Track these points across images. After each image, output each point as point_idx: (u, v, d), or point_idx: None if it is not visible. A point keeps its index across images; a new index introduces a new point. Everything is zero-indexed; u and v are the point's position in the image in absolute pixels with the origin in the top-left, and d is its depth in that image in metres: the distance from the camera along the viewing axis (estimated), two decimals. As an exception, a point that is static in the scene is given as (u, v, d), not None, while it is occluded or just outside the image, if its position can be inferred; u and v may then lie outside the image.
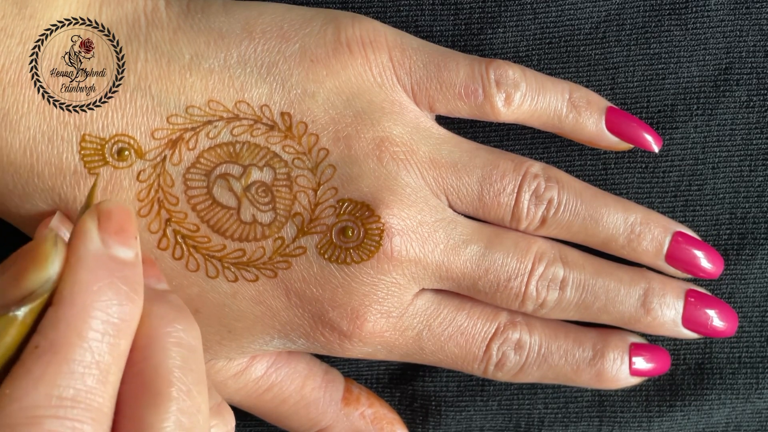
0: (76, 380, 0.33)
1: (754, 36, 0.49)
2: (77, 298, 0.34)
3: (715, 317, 0.49)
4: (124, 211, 0.36)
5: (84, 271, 0.34)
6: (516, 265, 0.46)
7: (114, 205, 0.36)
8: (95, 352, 0.33)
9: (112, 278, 0.34)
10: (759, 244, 0.51)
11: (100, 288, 0.34)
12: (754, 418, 0.52)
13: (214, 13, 0.44)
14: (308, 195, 0.44)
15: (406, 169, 0.44)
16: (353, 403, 0.50)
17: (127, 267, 0.35)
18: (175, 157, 0.43)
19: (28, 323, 0.34)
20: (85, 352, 0.33)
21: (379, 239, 0.44)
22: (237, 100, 0.43)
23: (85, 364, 0.33)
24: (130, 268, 0.35)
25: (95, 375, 0.33)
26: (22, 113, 0.42)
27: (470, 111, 0.46)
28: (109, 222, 0.35)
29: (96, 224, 0.35)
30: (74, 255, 0.34)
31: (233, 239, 0.43)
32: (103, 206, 0.36)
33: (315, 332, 0.45)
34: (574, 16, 0.49)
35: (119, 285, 0.34)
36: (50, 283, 0.34)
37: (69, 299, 0.34)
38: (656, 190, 0.50)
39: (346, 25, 0.45)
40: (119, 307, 0.34)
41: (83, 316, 0.33)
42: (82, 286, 0.34)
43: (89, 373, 0.33)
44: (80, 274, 0.34)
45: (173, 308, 0.37)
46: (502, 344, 0.47)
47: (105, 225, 0.35)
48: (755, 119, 0.50)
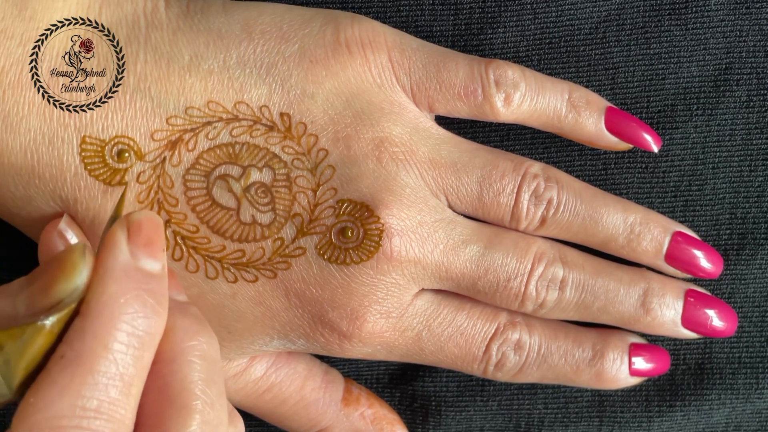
0: (100, 391, 0.33)
1: (754, 36, 0.49)
2: (104, 310, 0.34)
3: (715, 317, 0.49)
4: (153, 222, 0.36)
5: (112, 282, 0.34)
6: (515, 265, 0.46)
7: (144, 217, 0.36)
8: (120, 363, 0.34)
9: (139, 291, 0.35)
10: (759, 244, 0.51)
11: (127, 300, 0.34)
12: (754, 418, 0.52)
13: (214, 14, 0.44)
14: (308, 196, 0.44)
15: (405, 169, 0.44)
16: (353, 404, 0.50)
17: (154, 279, 0.35)
18: (175, 158, 0.43)
19: (55, 332, 0.34)
20: (110, 363, 0.33)
21: (378, 240, 0.44)
22: (236, 101, 0.43)
23: (110, 376, 0.33)
24: (156, 280, 0.36)
25: (118, 387, 0.33)
26: (23, 115, 0.42)
27: (470, 111, 0.46)
28: (139, 234, 0.36)
29: (125, 236, 0.36)
30: (103, 266, 0.35)
31: (233, 240, 0.43)
32: (133, 218, 0.36)
33: (315, 333, 0.45)
34: (574, 16, 0.49)
35: (146, 298, 0.35)
36: (78, 293, 0.34)
37: (96, 310, 0.34)
38: (656, 190, 0.50)
39: (345, 26, 0.45)
40: (145, 320, 0.35)
41: (109, 327, 0.34)
42: (109, 297, 0.34)
43: (113, 385, 0.33)
44: (108, 286, 0.34)
45: (196, 321, 0.38)
46: (502, 344, 0.47)
47: (134, 237, 0.36)
48: (755, 119, 0.50)
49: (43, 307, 0.34)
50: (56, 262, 0.35)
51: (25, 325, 0.34)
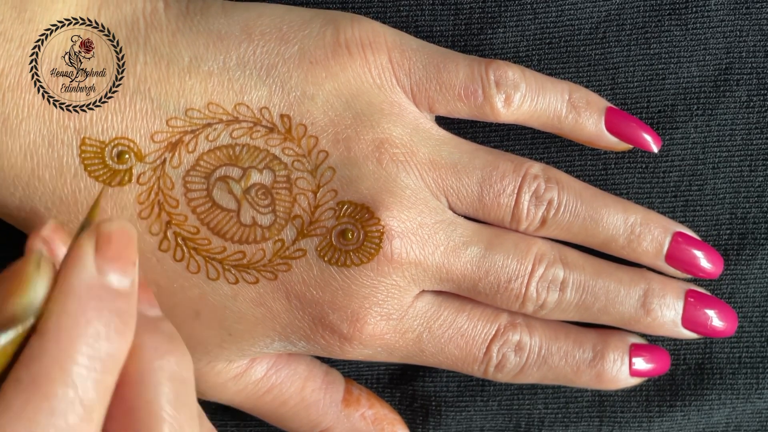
0: (57, 417, 0.31)
1: (754, 36, 0.49)
2: (63, 331, 0.31)
3: (715, 317, 0.49)
4: (125, 234, 0.34)
5: (74, 301, 0.32)
6: (516, 266, 0.46)
7: (115, 228, 0.33)
8: (79, 388, 0.31)
9: (103, 310, 0.32)
10: (759, 244, 0.51)
11: (89, 321, 0.32)
12: (754, 418, 0.52)
13: (214, 15, 0.44)
14: (308, 197, 0.44)
15: (405, 170, 0.44)
16: (353, 404, 0.50)
17: (120, 298, 0.33)
18: (175, 159, 0.43)
19: (8, 353, 0.32)
20: (68, 388, 0.31)
21: (379, 242, 0.44)
22: (236, 102, 0.43)
23: (68, 401, 0.31)
24: (123, 299, 0.33)
25: (78, 413, 0.31)
26: (22, 117, 0.42)
27: (470, 112, 0.46)
28: (108, 247, 0.33)
29: (93, 248, 0.33)
30: (66, 281, 0.32)
31: (233, 241, 0.43)
32: (103, 229, 0.33)
33: (315, 335, 0.45)
34: (574, 16, 0.49)
35: (110, 317, 0.32)
36: (33, 308, 0.32)
37: (54, 331, 0.31)
38: (656, 191, 0.50)
39: (345, 27, 0.44)
40: (107, 343, 0.32)
41: (68, 350, 0.31)
42: (69, 317, 0.32)
43: (72, 411, 0.31)
44: (69, 305, 0.32)
45: (166, 339, 0.35)
46: (503, 346, 0.47)
47: (103, 250, 0.33)
48: (755, 119, 0.50)
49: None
50: (11, 274, 0.33)
51: None
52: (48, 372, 0.31)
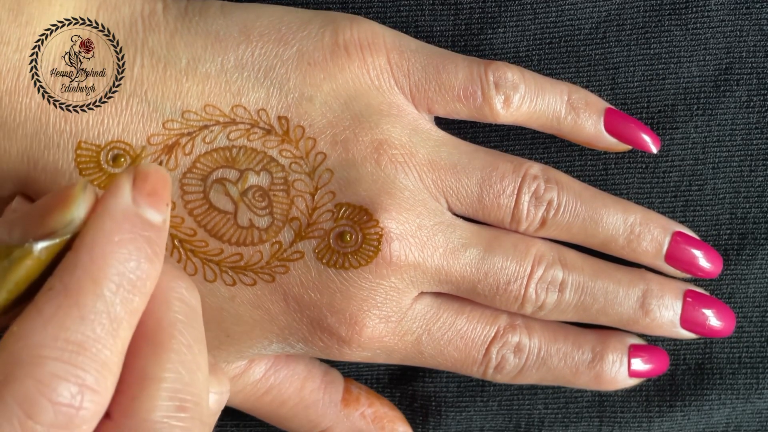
0: (86, 327, 0.32)
1: (754, 36, 0.49)
2: (97, 246, 0.33)
3: (713, 317, 0.49)
4: (161, 175, 0.36)
5: (109, 221, 0.34)
6: (515, 267, 0.46)
7: (152, 169, 0.36)
8: (108, 302, 0.33)
9: (136, 235, 0.34)
10: (759, 244, 0.51)
11: (122, 241, 0.33)
12: (754, 418, 0.52)
13: (212, 16, 0.44)
14: (306, 199, 0.44)
15: (404, 171, 0.44)
16: (353, 404, 0.50)
17: (153, 229, 0.35)
18: (171, 162, 0.43)
19: (44, 260, 0.33)
20: (97, 299, 0.33)
21: (377, 244, 0.44)
22: (234, 104, 0.43)
23: (96, 312, 0.32)
24: (156, 230, 0.35)
25: (105, 325, 0.33)
26: (19, 121, 0.42)
27: (469, 113, 0.46)
28: (144, 183, 0.35)
29: (130, 182, 0.35)
30: (102, 205, 0.34)
31: (230, 243, 0.43)
32: (141, 167, 0.35)
33: (313, 337, 0.45)
34: (574, 16, 0.49)
35: (142, 243, 0.34)
36: (73, 226, 0.34)
37: (89, 245, 0.33)
38: (656, 191, 0.50)
39: (343, 28, 0.44)
40: (138, 264, 0.34)
41: (100, 264, 0.33)
42: (104, 235, 0.33)
43: (99, 322, 0.33)
44: (104, 223, 0.34)
45: (176, 268, 0.37)
46: (502, 347, 0.47)
47: (139, 185, 0.35)
48: (755, 119, 0.50)
49: (35, 234, 0.34)
50: (56, 194, 0.35)
51: (11, 245, 0.33)
52: (80, 282, 0.33)
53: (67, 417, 0.32)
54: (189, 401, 0.34)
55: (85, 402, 0.32)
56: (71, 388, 0.32)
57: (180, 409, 0.34)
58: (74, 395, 0.32)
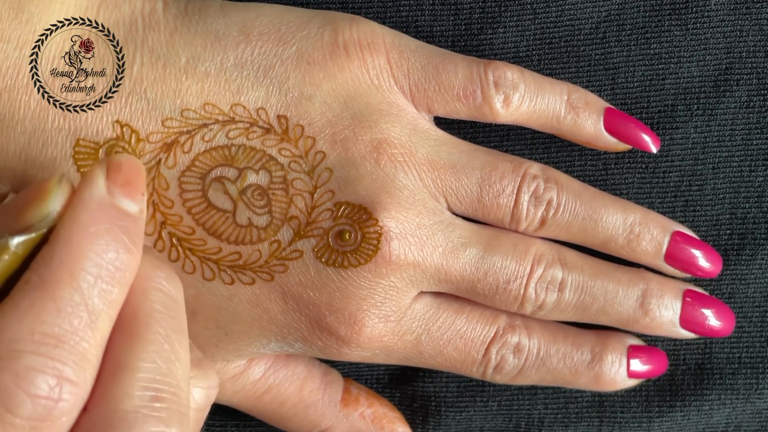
0: (63, 319, 0.32)
1: (754, 36, 0.49)
2: (73, 238, 0.33)
3: (712, 317, 0.49)
4: (134, 165, 0.36)
5: (84, 212, 0.34)
6: (515, 267, 0.46)
7: (125, 159, 0.36)
8: (85, 294, 0.33)
9: (112, 225, 0.34)
10: (759, 244, 0.51)
11: (98, 231, 0.33)
12: (754, 418, 0.52)
13: (212, 15, 0.44)
14: (305, 198, 0.44)
15: (404, 171, 0.44)
16: (352, 404, 0.50)
17: (129, 219, 0.35)
18: (170, 160, 0.43)
19: (21, 255, 0.33)
20: (74, 291, 0.33)
21: (377, 243, 0.44)
22: (233, 103, 0.43)
23: (74, 305, 0.32)
24: (132, 220, 0.35)
25: (83, 318, 0.33)
26: (18, 119, 0.42)
27: (469, 112, 0.46)
28: (118, 173, 0.35)
29: (104, 173, 0.35)
30: (77, 197, 0.34)
31: (229, 242, 0.43)
32: (113, 158, 0.36)
33: (312, 336, 0.45)
34: (574, 16, 0.49)
35: (119, 233, 0.34)
36: (49, 220, 0.34)
37: (65, 238, 0.33)
38: (656, 191, 0.50)
39: (343, 28, 0.44)
40: (115, 254, 0.34)
41: (77, 255, 0.33)
42: (79, 226, 0.33)
43: (77, 314, 0.32)
44: (79, 215, 0.34)
45: (155, 258, 0.37)
46: (501, 348, 0.47)
47: (113, 176, 0.35)
48: (755, 119, 0.50)
49: (11, 229, 0.34)
50: (32, 189, 0.35)
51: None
52: (56, 275, 0.32)
53: (46, 409, 0.31)
54: (165, 391, 0.34)
55: (63, 394, 0.32)
56: (49, 381, 0.32)
57: (155, 399, 0.34)
58: (52, 388, 0.32)
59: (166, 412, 0.34)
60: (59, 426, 0.32)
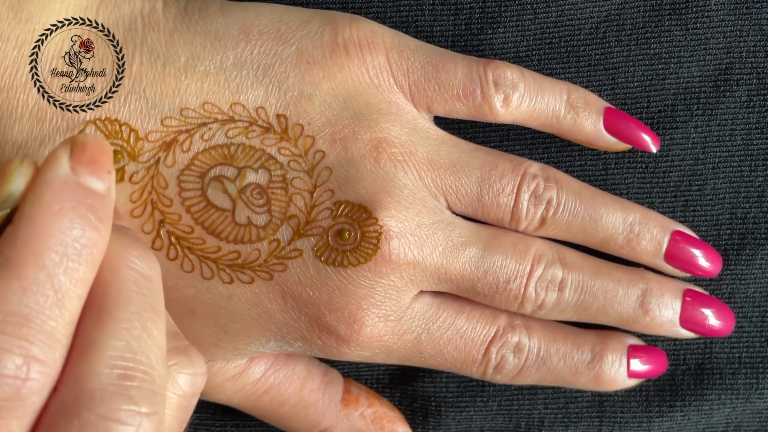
0: (28, 298, 0.32)
1: (754, 36, 0.49)
2: (36, 217, 0.33)
3: (712, 316, 0.49)
4: (99, 144, 0.35)
5: (47, 191, 0.33)
6: (515, 266, 0.46)
7: (90, 138, 0.35)
8: (51, 272, 0.32)
9: (77, 203, 0.34)
10: (759, 244, 0.51)
11: (62, 210, 0.33)
12: (754, 418, 0.52)
13: (212, 15, 0.44)
14: (304, 197, 0.44)
15: (403, 170, 0.44)
16: (353, 404, 0.50)
17: (95, 196, 0.34)
18: (169, 159, 0.43)
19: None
20: (39, 270, 0.32)
21: (376, 242, 0.44)
22: (232, 102, 0.43)
23: (39, 283, 0.32)
24: (98, 198, 0.34)
25: (49, 296, 0.32)
26: (16, 118, 0.42)
27: (468, 112, 0.46)
28: (83, 152, 0.35)
29: (68, 153, 0.35)
30: (40, 177, 0.34)
31: (228, 241, 0.43)
32: (78, 137, 0.35)
33: (312, 335, 0.45)
34: (574, 16, 0.49)
35: (84, 211, 0.34)
36: (12, 201, 0.34)
37: (28, 217, 0.33)
38: (656, 191, 0.50)
39: (343, 27, 0.44)
40: (81, 232, 0.33)
41: (41, 235, 0.33)
42: (42, 205, 0.33)
43: (42, 293, 0.32)
44: (42, 194, 0.33)
45: (129, 237, 0.36)
46: (501, 347, 0.47)
47: (77, 155, 0.35)
48: (755, 119, 0.50)
49: None
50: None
51: None
52: (20, 254, 0.32)
53: (14, 389, 0.31)
54: (136, 370, 0.34)
55: (32, 373, 0.32)
56: (16, 360, 0.31)
57: (124, 378, 0.33)
58: (19, 367, 0.31)
59: (136, 391, 0.33)
60: (28, 405, 0.32)
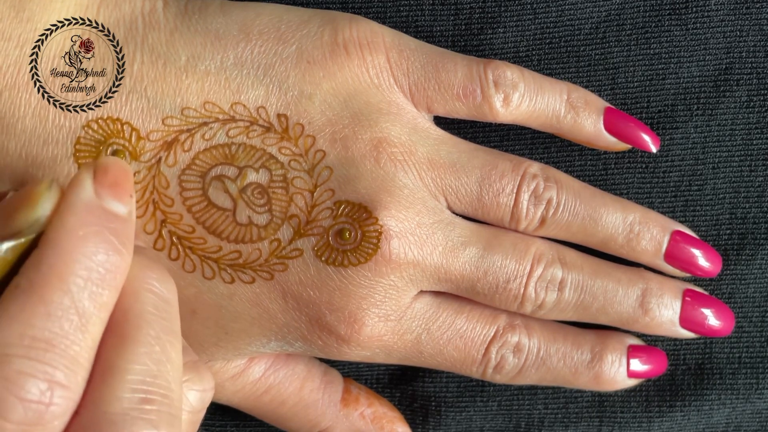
0: (53, 323, 0.32)
1: (754, 36, 0.49)
2: (61, 241, 0.33)
3: (712, 316, 0.49)
4: (121, 168, 0.36)
5: (72, 216, 0.34)
6: (515, 266, 0.46)
7: (112, 161, 0.36)
8: (75, 297, 0.33)
9: (101, 228, 0.34)
10: (759, 244, 0.51)
11: (86, 235, 0.34)
12: (754, 418, 0.52)
13: (212, 14, 0.44)
14: (305, 197, 0.44)
15: (403, 170, 0.44)
16: (352, 404, 0.50)
17: (118, 220, 0.35)
18: (170, 158, 0.43)
19: (9, 260, 0.33)
20: (63, 295, 0.32)
21: (377, 242, 0.44)
22: (233, 101, 0.43)
23: (63, 308, 0.32)
24: (121, 222, 0.35)
25: (73, 321, 0.33)
26: (18, 116, 0.42)
27: (468, 112, 0.46)
28: (105, 176, 0.35)
29: (91, 176, 0.35)
30: (65, 201, 0.34)
31: (229, 241, 0.43)
32: (100, 161, 0.36)
33: (312, 335, 0.45)
34: (574, 16, 0.49)
35: (108, 236, 0.34)
36: (38, 225, 0.34)
37: (53, 241, 0.33)
38: (656, 190, 0.50)
39: (343, 27, 0.44)
40: (105, 257, 0.34)
41: (66, 259, 0.33)
42: (67, 230, 0.33)
43: (67, 318, 0.32)
44: (68, 219, 0.34)
45: (148, 258, 0.37)
46: (501, 347, 0.47)
47: (100, 178, 0.35)
48: (755, 119, 0.50)
49: (2, 236, 0.34)
50: (21, 194, 0.35)
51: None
52: (46, 279, 0.32)
53: (37, 414, 0.31)
54: (156, 394, 0.34)
55: (55, 398, 0.32)
56: (40, 385, 0.32)
57: (145, 402, 0.34)
58: (43, 392, 0.32)
59: (156, 414, 0.34)
60: (51, 430, 0.32)
